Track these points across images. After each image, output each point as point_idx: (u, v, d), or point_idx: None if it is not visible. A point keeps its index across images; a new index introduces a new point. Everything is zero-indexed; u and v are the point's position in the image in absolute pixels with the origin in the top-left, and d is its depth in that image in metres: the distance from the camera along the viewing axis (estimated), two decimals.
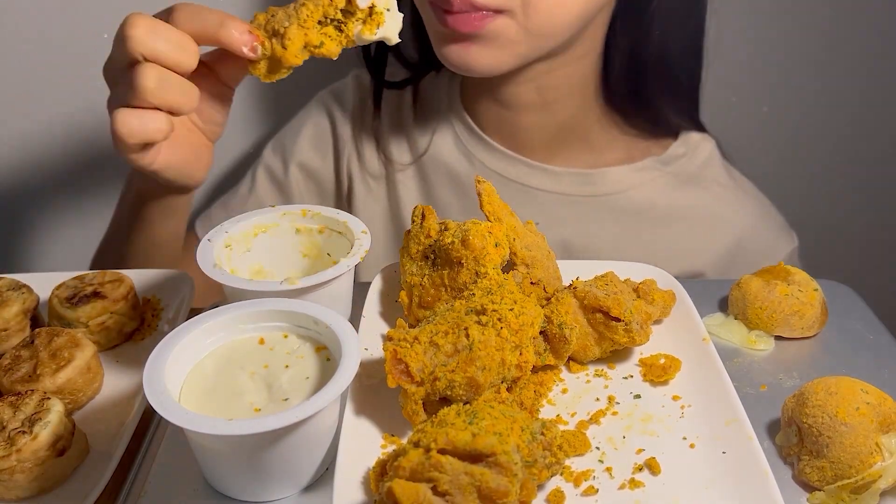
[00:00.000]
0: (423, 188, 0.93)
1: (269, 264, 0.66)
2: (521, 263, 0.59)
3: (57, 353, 0.57)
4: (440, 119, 0.92)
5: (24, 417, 0.51)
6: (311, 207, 0.65)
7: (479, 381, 0.49)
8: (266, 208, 0.66)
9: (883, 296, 0.77)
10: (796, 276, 0.65)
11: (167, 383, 0.48)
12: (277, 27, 0.60)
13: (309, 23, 0.60)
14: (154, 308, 0.67)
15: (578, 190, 0.88)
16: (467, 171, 0.90)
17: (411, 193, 0.93)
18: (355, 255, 0.60)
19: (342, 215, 0.65)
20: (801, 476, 0.51)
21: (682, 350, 0.58)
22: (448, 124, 0.91)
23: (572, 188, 0.88)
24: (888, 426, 0.50)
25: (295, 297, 0.56)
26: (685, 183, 0.88)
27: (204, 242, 0.61)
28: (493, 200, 0.61)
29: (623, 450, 0.51)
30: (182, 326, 0.52)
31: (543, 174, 0.88)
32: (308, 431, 0.48)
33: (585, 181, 0.88)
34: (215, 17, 0.60)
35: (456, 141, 0.91)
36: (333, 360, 0.52)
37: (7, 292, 0.62)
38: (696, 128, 0.91)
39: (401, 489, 0.42)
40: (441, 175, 0.91)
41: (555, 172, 0.88)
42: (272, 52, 0.60)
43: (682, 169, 0.89)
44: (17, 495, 0.50)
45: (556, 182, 0.88)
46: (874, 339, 0.64)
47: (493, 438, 0.43)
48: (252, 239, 0.65)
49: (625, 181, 0.88)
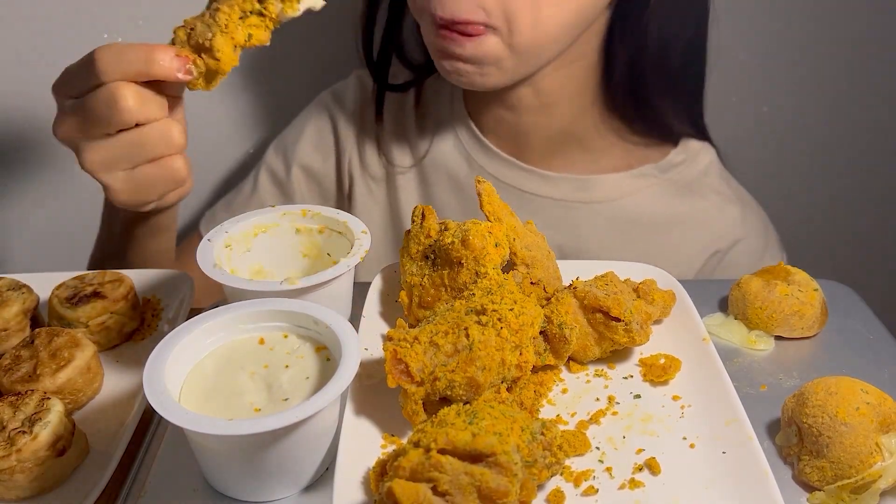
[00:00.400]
0: (423, 190, 0.93)
1: (269, 264, 0.66)
2: (521, 263, 0.59)
3: (57, 353, 0.57)
4: (442, 122, 0.92)
5: (24, 417, 0.51)
6: (311, 207, 0.65)
7: (479, 381, 0.49)
8: (266, 208, 0.66)
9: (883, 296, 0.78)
10: (796, 276, 0.65)
11: (167, 383, 0.48)
12: (201, 41, 0.59)
13: (230, 26, 0.59)
14: (154, 308, 0.67)
15: (574, 196, 0.88)
16: (467, 174, 0.90)
17: (411, 195, 0.93)
18: (355, 255, 0.60)
19: (342, 215, 0.65)
20: (801, 476, 0.51)
21: (682, 350, 0.58)
22: (450, 127, 0.92)
23: (568, 194, 0.88)
24: (888, 426, 0.50)
25: (295, 297, 0.56)
26: (682, 191, 0.88)
27: (204, 243, 0.61)
28: (493, 200, 0.61)
29: (623, 450, 0.51)
30: (182, 326, 0.52)
31: (540, 179, 0.88)
32: (308, 431, 0.48)
33: (581, 187, 0.88)
34: (139, 53, 0.59)
35: (456, 144, 0.91)
36: (333, 360, 0.52)
37: (7, 292, 0.62)
38: (698, 135, 0.90)
39: (401, 489, 0.42)
40: (441, 177, 0.91)
41: (551, 178, 0.88)
42: (206, 66, 0.59)
43: (679, 176, 0.88)
44: (17, 495, 0.50)
45: (552, 187, 0.88)
46: (874, 339, 0.64)
47: (493, 438, 0.43)
48: (252, 239, 0.65)
49: (621, 188, 0.87)
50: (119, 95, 0.58)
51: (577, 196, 0.88)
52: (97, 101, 0.59)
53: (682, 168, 0.88)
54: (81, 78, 0.60)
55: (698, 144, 0.90)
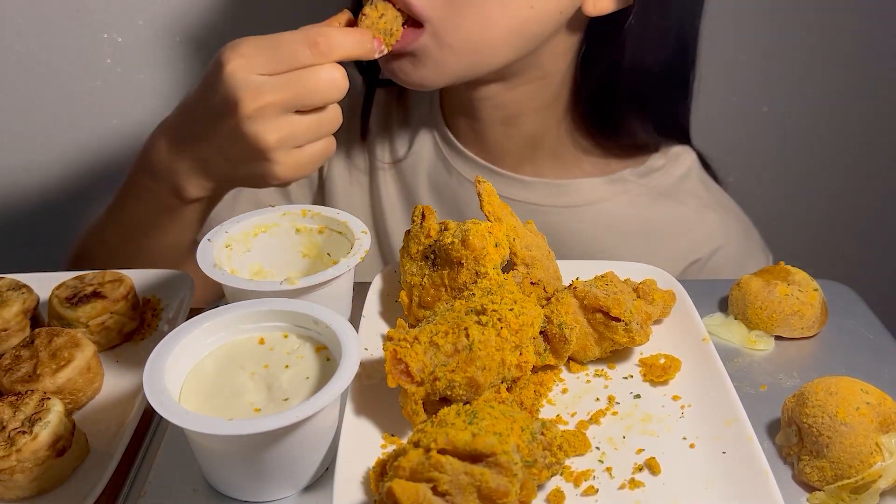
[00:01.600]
0: (403, 189, 0.93)
1: (269, 264, 0.66)
2: (521, 263, 0.59)
3: (57, 353, 0.57)
4: (422, 125, 0.92)
5: (24, 417, 0.51)
6: (310, 207, 0.66)
7: (479, 381, 0.49)
8: (266, 208, 0.67)
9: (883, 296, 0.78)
10: (796, 276, 0.65)
11: (167, 383, 0.48)
12: (391, 28, 0.68)
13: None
14: (154, 308, 0.67)
15: (550, 200, 0.87)
16: (445, 179, 0.90)
17: (391, 192, 0.93)
18: (355, 255, 0.60)
19: (342, 215, 0.65)
20: (801, 476, 0.51)
21: (682, 350, 0.58)
22: (429, 131, 0.92)
23: (546, 199, 0.87)
24: (888, 426, 0.50)
25: (295, 297, 0.56)
26: (660, 196, 0.87)
27: (204, 243, 0.61)
28: (493, 201, 0.61)
29: (623, 450, 0.51)
30: (182, 326, 0.52)
31: (518, 184, 0.87)
32: (308, 431, 0.48)
33: (559, 192, 0.87)
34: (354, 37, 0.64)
35: (435, 148, 0.91)
36: (333, 360, 0.52)
37: (7, 292, 0.62)
38: (679, 139, 0.89)
39: (401, 489, 0.42)
40: (421, 179, 0.92)
41: (527, 182, 0.87)
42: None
43: (658, 182, 0.87)
44: (17, 495, 0.50)
45: (529, 192, 0.87)
46: (874, 339, 0.64)
47: (493, 438, 0.43)
48: (252, 239, 0.65)
49: (598, 193, 0.87)
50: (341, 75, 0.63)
51: (553, 201, 0.87)
52: (318, 79, 0.62)
53: (660, 174, 0.87)
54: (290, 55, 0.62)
55: (679, 148, 0.89)
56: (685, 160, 0.89)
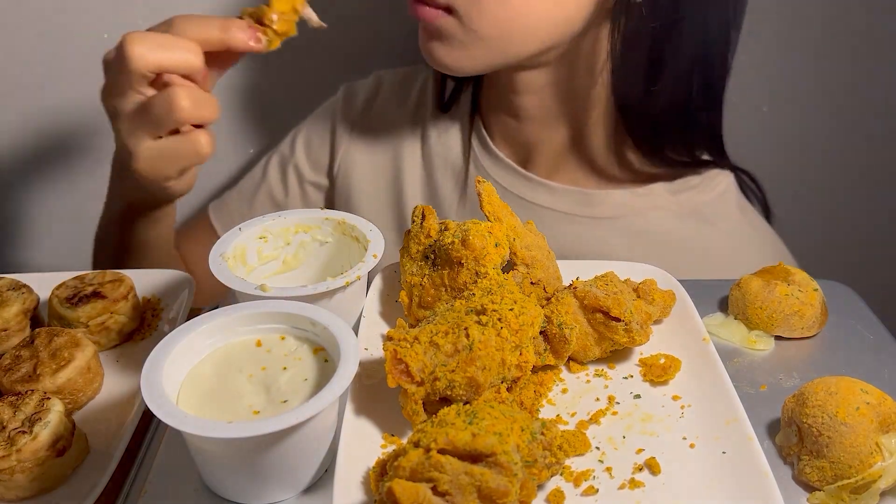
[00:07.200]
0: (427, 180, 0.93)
1: (298, 262, 0.67)
2: (521, 263, 0.59)
3: (57, 353, 0.57)
4: (457, 121, 0.93)
5: (24, 417, 0.51)
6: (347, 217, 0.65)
7: (479, 381, 0.49)
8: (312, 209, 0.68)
9: (883, 296, 0.77)
10: (796, 276, 0.65)
11: (165, 386, 0.48)
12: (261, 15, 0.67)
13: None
14: (154, 308, 0.67)
15: (578, 210, 0.85)
16: (471, 176, 0.90)
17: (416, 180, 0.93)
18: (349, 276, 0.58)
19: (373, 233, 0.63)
20: (801, 476, 0.51)
21: (682, 350, 0.58)
22: (464, 128, 0.92)
23: (573, 207, 0.85)
24: (888, 426, 0.50)
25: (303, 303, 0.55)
26: (691, 215, 0.84)
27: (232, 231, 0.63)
28: (493, 200, 0.61)
29: (623, 450, 0.51)
30: (179, 329, 0.52)
31: (545, 190, 0.86)
32: (307, 433, 0.48)
33: (587, 201, 0.85)
34: (217, 22, 0.65)
35: (466, 145, 0.91)
36: (332, 362, 0.52)
37: (7, 292, 0.62)
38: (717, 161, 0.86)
39: (401, 489, 0.42)
40: (446, 173, 0.92)
41: (556, 190, 0.86)
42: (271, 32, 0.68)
43: (691, 199, 0.84)
44: (17, 495, 0.50)
45: (556, 199, 0.86)
46: (874, 339, 0.64)
47: (493, 438, 0.43)
48: (292, 235, 0.66)
49: (627, 205, 0.84)
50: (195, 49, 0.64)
51: (580, 210, 0.85)
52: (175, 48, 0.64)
53: (694, 192, 0.84)
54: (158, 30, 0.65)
55: (718, 170, 0.86)
56: (721, 181, 0.86)
